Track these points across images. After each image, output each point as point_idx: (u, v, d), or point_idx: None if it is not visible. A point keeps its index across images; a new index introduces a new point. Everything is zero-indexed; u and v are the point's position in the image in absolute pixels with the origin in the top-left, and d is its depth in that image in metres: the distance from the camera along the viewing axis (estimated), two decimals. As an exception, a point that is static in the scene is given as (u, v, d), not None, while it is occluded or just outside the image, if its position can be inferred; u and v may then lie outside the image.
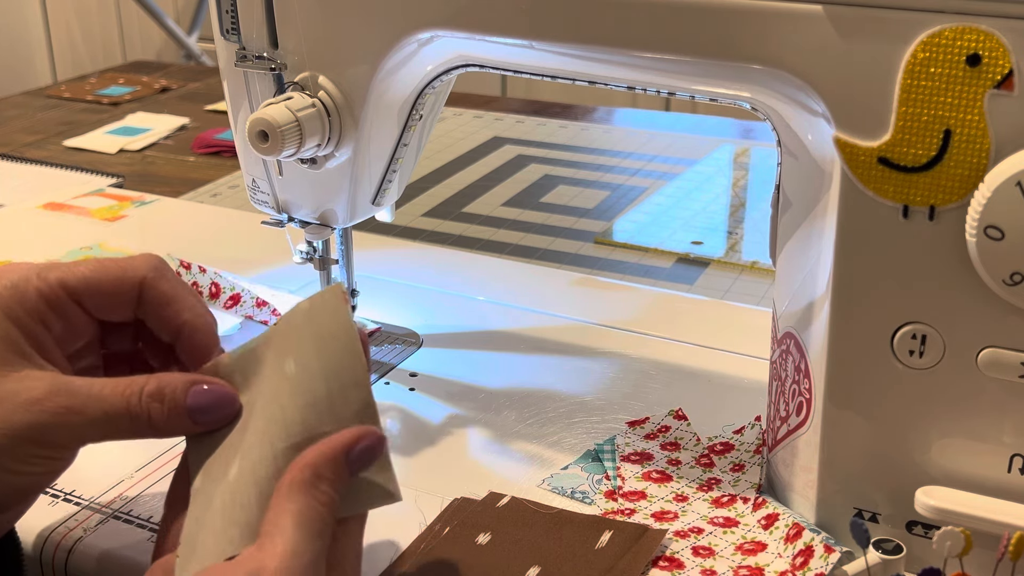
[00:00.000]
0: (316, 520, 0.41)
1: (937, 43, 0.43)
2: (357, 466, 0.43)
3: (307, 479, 0.41)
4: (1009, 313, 0.44)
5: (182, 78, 1.46)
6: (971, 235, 0.43)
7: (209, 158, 1.15)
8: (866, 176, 0.45)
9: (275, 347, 0.47)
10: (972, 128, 0.43)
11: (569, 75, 0.55)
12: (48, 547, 0.53)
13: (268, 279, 0.80)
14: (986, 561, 0.46)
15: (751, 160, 1.14)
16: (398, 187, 0.66)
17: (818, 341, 0.49)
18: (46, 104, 1.35)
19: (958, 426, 0.47)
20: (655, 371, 0.68)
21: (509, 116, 1.29)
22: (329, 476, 0.42)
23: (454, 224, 0.97)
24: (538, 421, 0.63)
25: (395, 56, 0.57)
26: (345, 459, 0.42)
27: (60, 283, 0.46)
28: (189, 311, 0.48)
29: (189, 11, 2.27)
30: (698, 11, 0.48)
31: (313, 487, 0.41)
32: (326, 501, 0.41)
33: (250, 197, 0.67)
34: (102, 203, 0.99)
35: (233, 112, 0.64)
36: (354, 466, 0.43)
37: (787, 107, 0.49)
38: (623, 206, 1.01)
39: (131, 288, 0.47)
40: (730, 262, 0.88)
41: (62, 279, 0.46)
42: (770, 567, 0.51)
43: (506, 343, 0.72)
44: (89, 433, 0.44)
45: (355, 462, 0.43)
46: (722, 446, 0.60)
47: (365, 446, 0.43)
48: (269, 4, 0.58)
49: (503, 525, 0.53)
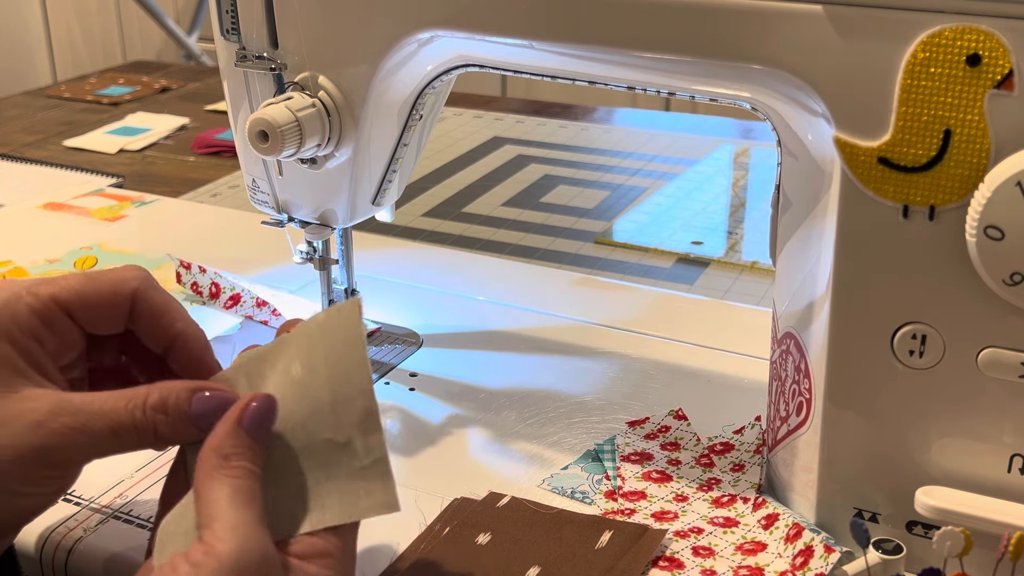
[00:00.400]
0: (240, 492, 0.41)
1: (937, 43, 0.43)
2: (257, 432, 0.43)
3: (216, 463, 0.42)
4: (1009, 313, 0.44)
5: (182, 78, 1.46)
6: (971, 235, 0.43)
7: (209, 158, 1.15)
8: (866, 176, 0.45)
9: (285, 353, 0.47)
10: (972, 128, 0.43)
11: (569, 75, 0.55)
12: (48, 547, 0.53)
13: (268, 279, 0.80)
14: (986, 561, 0.46)
15: (751, 160, 1.14)
16: (398, 187, 0.66)
17: (818, 341, 0.49)
18: (46, 104, 1.35)
19: (958, 426, 0.47)
20: (655, 371, 0.68)
21: (509, 116, 1.29)
22: (234, 450, 0.42)
23: (454, 224, 0.97)
24: (538, 421, 0.63)
25: (395, 56, 0.57)
26: (240, 428, 0.43)
27: (52, 298, 0.46)
28: (182, 321, 0.49)
29: (189, 11, 2.27)
30: (698, 11, 0.48)
31: (224, 467, 0.42)
32: (242, 473, 0.42)
33: (250, 197, 0.67)
34: (102, 203, 0.99)
35: (233, 112, 0.64)
36: (254, 432, 0.43)
37: (787, 107, 0.49)
38: (623, 206, 1.01)
39: (124, 300, 0.48)
40: (730, 262, 0.88)
41: (54, 294, 0.46)
42: (770, 567, 0.51)
43: (506, 343, 0.72)
44: (96, 450, 0.44)
45: (252, 427, 0.43)
46: (722, 446, 0.60)
47: (255, 408, 0.43)
48: (269, 4, 0.58)
49: (503, 525, 0.53)
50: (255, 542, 0.40)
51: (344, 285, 0.70)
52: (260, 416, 0.44)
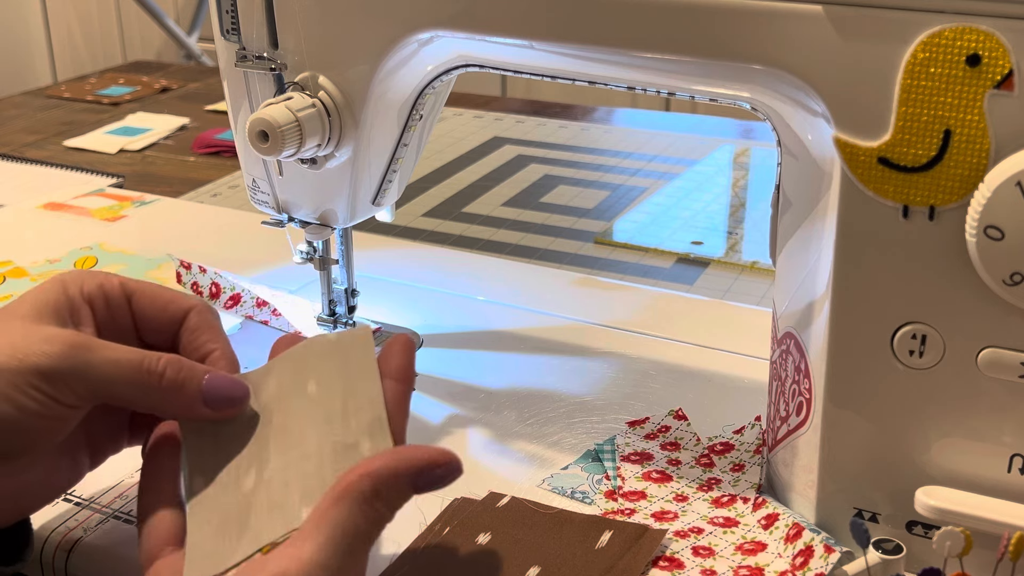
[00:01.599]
0: (356, 537, 0.40)
1: (937, 43, 0.43)
2: (421, 489, 0.42)
3: (364, 490, 0.40)
4: (1009, 313, 0.44)
5: (182, 78, 1.46)
6: (971, 235, 0.43)
7: (209, 158, 1.15)
8: (866, 176, 0.45)
9: (295, 369, 0.49)
10: (972, 128, 0.43)
11: (569, 75, 0.55)
12: (48, 547, 0.53)
13: (268, 279, 0.80)
14: (986, 561, 0.46)
15: (751, 160, 1.14)
16: (398, 187, 0.66)
17: (818, 341, 0.49)
18: (46, 104, 1.35)
19: (958, 426, 0.47)
20: (655, 371, 0.68)
21: (509, 116, 1.29)
22: (388, 495, 0.41)
23: (454, 224, 0.97)
24: (538, 421, 0.63)
25: (395, 56, 0.57)
26: (411, 483, 0.41)
27: (122, 283, 0.50)
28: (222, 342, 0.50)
29: (189, 11, 2.27)
30: (698, 11, 0.48)
31: (366, 501, 0.40)
32: (376, 519, 0.40)
33: (250, 197, 0.67)
34: (102, 203, 0.99)
35: (233, 112, 0.64)
36: (421, 489, 0.41)
37: (787, 107, 0.49)
38: (623, 206, 1.01)
39: (180, 310, 0.50)
40: (730, 262, 0.88)
41: (124, 282, 0.50)
42: (770, 567, 0.51)
43: (506, 343, 0.72)
44: (95, 378, 0.44)
45: (423, 486, 0.41)
46: (722, 446, 0.60)
47: (439, 473, 0.42)
48: (269, 4, 0.58)
49: (503, 525, 0.53)
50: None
51: (344, 285, 0.70)
52: (437, 482, 0.42)
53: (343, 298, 0.70)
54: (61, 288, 0.48)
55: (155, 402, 0.46)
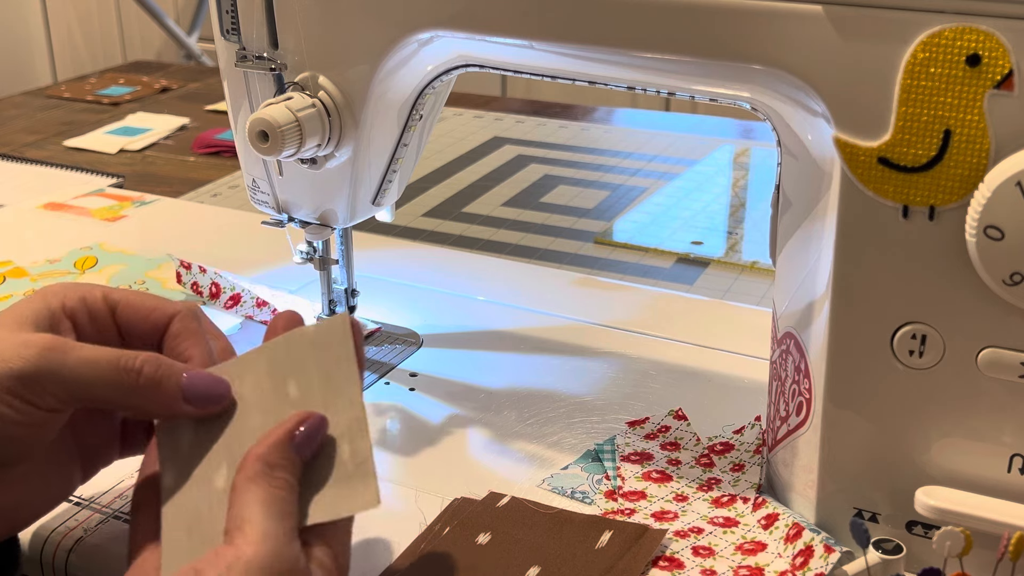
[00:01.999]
0: (278, 502, 0.42)
1: (937, 43, 0.43)
2: (304, 449, 0.45)
3: (260, 470, 0.43)
4: (1009, 313, 0.44)
5: (182, 78, 1.46)
6: (971, 235, 0.43)
7: (209, 158, 1.15)
8: (866, 176, 0.45)
9: (274, 366, 0.48)
10: (972, 128, 0.43)
11: (569, 75, 0.55)
12: (48, 547, 0.53)
13: (268, 279, 0.80)
14: (986, 561, 0.46)
15: (751, 160, 1.14)
16: (398, 187, 0.66)
17: (818, 341, 0.49)
18: (46, 104, 1.35)
19: (958, 426, 0.47)
20: (655, 371, 0.68)
21: (509, 116, 1.29)
22: (280, 462, 0.44)
23: (454, 224, 0.97)
24: (538, 421, 0.63)
25: (395, 56, 0.57)
26: (291, 444, 0.44)
27: (104, 295, 0.50)
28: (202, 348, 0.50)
29: (189, 11, 2.27)
30: (698, 11, 0.48)
31: (267, 476, 0.43)
32: (283, 485, 0.43)
33: (250, 197, 0.67)
34: (102, 203, 0.99)
35: (233, 112, 0.64)
36: (300, 449, 0.45)
37: (787, 107, 0.49)
38: (623, 206, 1.01)
39: (163, 317, 0.50)
40: (730, 262, 0.88)
41: (107, 293, 0.50)
42: (770, 567, 0.51)
43: (506, 343, 0.72)
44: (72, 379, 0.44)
45: (301, 445, 0.45)
46: (722, 446, 0.60)
47: (306, 429, 0.45)
48: (269, 4, 0.58)
49: (503, 525, 0.53)
50: (286, 553, 0.41)
51: (344, 285, 0.70)
52: (310, 435, 0.45)
53: (343, 298, 0.70)
54: (43, 302, 0.48)
55: (135, 401, 0.46)
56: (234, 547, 0.40)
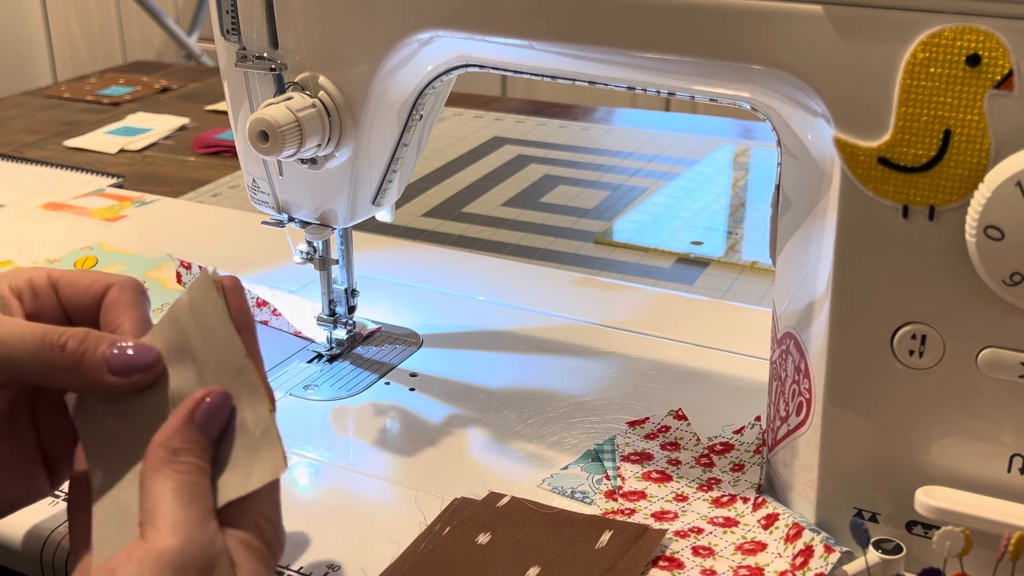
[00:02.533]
0: (187, 488, 0.41)
1: (937, 43, 0.43)
2: (208, 427, 0.44)
3: (164, 458, 0.42)
4: (1009, 313, 0.44)
5: (182, 78, 1.46)
6: (971, 235, 0.43)
7: (209, 158, 1.15)
8: (866, 176, 0.45)
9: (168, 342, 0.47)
10: (972, 128, 0.43)
11: (569, 75, 0.55)
12: (48, 547, 0.53)
13: (268, 279, 0.80)
14: (986, 561, 0.46)
15: (751, 160, 1.14)
16: (398, 187, 0.66)
17: (818, 341, 0.49)
18: (46, 104, 1.35)
19: (958, 426, 0.47)
20: (655, 371, 0.68)
21: (509, 116, 1.29)
22: (184, 446, 0.43)
23: (454, 224, 0.97)
24: (538, 421, 0.63)
25: (395, 56, 0.57)
26: (192, 424, 0.43)
27: (48, 273, 0.49)
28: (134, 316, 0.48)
29: (189, 11, 2.27)
30: (698, 11, 0.48)
31: (172, 462, 0.42)
32: (190, 469, 0.42)
33: (250, 197, 0.67)
34: (102, 203, 0.99)
35: (233, 112, 0.64)
36: (204, 428, 0.43)
37: (787, 107, 0.49)
38: (623, 206, 1.01)
39: (100, 288, 0.49)
40: (730, 262, 0.88)
41: (51, 272, 0.50)
42: (770, 567, 0.51)
43: (506, 343, 0.72)
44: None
45: (204, 424, 0.43)
46: (722, 446, 0.60)
47: (206, 407, 0.44)
48: (269, 4, 0.58)
49: (503, 525, 0.53)
50: (199, 539, 0.40)
51: (344, 285, 0.70)
52: (212, 412, 0.44)
53: (343, 298, 0.70)
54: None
55: (60, 376, 0.45)
56: (146, 542, 0.40)
